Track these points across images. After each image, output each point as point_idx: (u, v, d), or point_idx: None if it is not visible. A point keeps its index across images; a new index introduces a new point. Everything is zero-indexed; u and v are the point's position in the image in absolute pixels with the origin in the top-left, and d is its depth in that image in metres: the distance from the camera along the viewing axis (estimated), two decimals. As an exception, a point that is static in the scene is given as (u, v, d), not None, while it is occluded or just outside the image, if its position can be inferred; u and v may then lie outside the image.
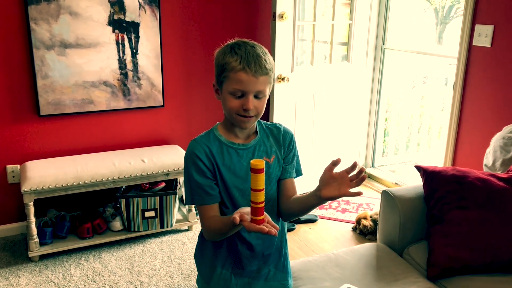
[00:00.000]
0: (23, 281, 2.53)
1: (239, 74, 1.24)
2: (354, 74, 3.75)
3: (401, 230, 2.12)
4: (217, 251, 1.41)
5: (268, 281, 1.45)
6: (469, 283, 1.85)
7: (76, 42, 2.90)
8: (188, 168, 1.33)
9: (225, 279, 1.41)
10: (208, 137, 1.35)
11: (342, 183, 1.20)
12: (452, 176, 2.06)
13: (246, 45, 1.28)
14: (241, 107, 1.26)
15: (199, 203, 1.33)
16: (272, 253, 1.43)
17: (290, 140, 1.44)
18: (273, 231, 1.08)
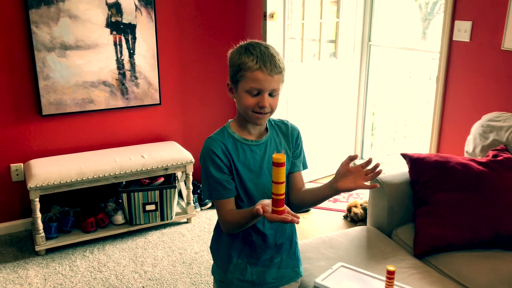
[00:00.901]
0: (31, 274, 2.65)
1: (255, 73, 1.31)
2: (342, 70, 3.91)
3: (389, 213, 2.28)
4: (233, 243, 1.47)
5: (281, 269, 1.51)
6: (452, 259, 2.00)
7: (76, 44, 3.01)
8: (205, 164, 1.38)
9: (241, 268, 1.47)
10: (223, 135, 1.41)
11: (358, 176, 1.29)
12: (435, 162, 2.23)
13: (260, 45, 1.35)
14: (257, 105, 1.33)
15: (217, 198, 1.38)
16: (284, 242, 1.50)
17: (297, 135, 1.53)
18: (296, 220, 1.16)
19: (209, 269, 2.68)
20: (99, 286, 2.54)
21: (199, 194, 3.47)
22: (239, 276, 1.48)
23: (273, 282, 1.51)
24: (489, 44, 2.79)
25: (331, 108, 3.91)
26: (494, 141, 2.39)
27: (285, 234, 1.50)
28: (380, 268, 1.93)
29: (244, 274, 1.47)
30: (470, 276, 1.90)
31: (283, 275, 1.53)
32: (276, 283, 1.51)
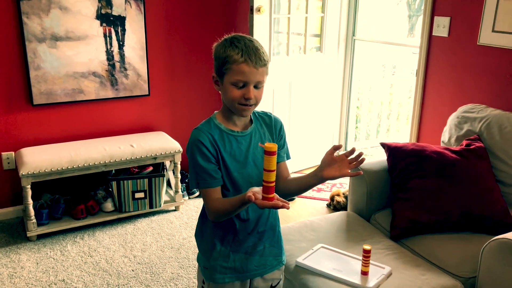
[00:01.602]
0: (23, 258, 2.73)
1: (241, 66, 1.34)
2: (327, 64, 4.02)
3: (368, 199, 2.40)
4: (216, 230, 1.50)
5: (264, 257, 1.54)
6: (425, 240, 2.13)
7: (66, 35, 3.08)
8: (193, 154, 1.41)
9: (224, 255, 1.50)
10: (210, 125, 1.44)
11: (342, 165, 1.35)
12: (411, 150, 2.35)
13: (245, 39, 1.38)
14: (242, 97, 1.36)
15: (204, 187, 1.41)
16: (266, 230, 1.53)
17: (280, 127, 1.58)
18: (287, 206, 1.20)
19: (196, 254, 2.78)
20: (90, 269, 2.63)
21: (187, 183, 3.56)
22: (222, 263, 1.50)
23: (256, 270, 1.54)
24: (466, 39, 2.92)
25: (316, 101, 4.02)
26: (468, 131, 2.52)
27: (267, 222, 1.53)
28: (358, 249, 2.04)
29: (227, 260, 1.50)
30: (440, 256, 2.02)
31: (265, 263, 1.55)
32: (258, 271, 1.55)
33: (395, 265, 1.94)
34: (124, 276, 2.57)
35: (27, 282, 2.51)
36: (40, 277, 2.56)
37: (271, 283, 1.60)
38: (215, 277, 1.52)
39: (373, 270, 1.86)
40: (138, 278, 2.55)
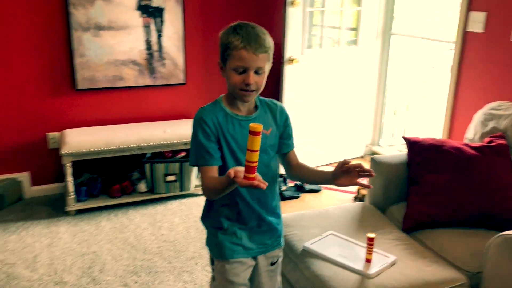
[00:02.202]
0: (62, 230, 2.96)
1: (240, 52, 1.39)
2: (362, 57, 4.02)
3: (384, 192, 2.43)
4: (222, 210, 1.56)
5: (266, 236, 1.63)
6: (436, 234, 2.15)
7: (109, 25, 3.28)
8: (195, 131, 1.48)
9: (231, 232, 1.57)
10: (215, 107, 1.50)
11: (353, 175, 1.44)
12: (430, 145, 2.36)
13: (247, 26, 1.43)
14: (243, 82, 1.41)
15: (202, 164, 1.47)
16: (268, 212, 1.61)
17: (286, 116, 1.62)
18: (262, 185, 1.22)
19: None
20: (120, 244, 2.82)
21: (217, 169, 3.70)
22: (230, 239, 1.57)
23: (259, 248, 1.62)
24: (500, 35, 2.86)
25: (349, 94, 4.04)
26: (493, 128, 2.49)
27: (268, 205, 1.60)
28: (367, 238, 2.09)
29: (234, 237, 1.57)
30: (449, 250, 2.04)
31: (267, 243, 1.64)
32: (261, 249, 1.63)
33: (401, 255, 1.97)
34: (149, 252, 2.74)
35: (62, 252, 2.73)
36: (74, 248, 2.78)
37: (271, 260, 1.69)
38: (225, 253, 1.57)
39: (377, 258, 1.91)
40: (162, 255, 2.71)
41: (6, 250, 2.73)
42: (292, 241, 2.09)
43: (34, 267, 2.57)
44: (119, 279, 2.49)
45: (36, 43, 3.17)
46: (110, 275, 2.52)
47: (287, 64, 3.59)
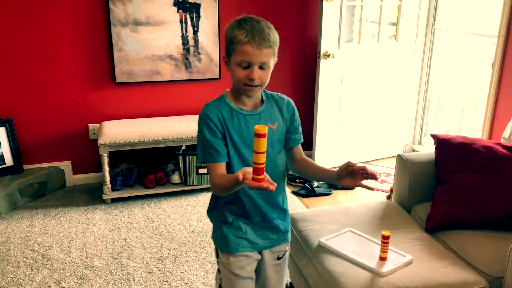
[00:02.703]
0: (97, 217, 3.10)
1: (245, 47, 1.37)
2: (402, 53, 3.91)
3: (410, 190, 2.37)
4: (227, 204, 1.56)
5: (271, 231, 1.62)
6: (461, 235, 2.07)
7: (146, 21, 3.38)
8: (201, 129, 1.48)
9: (236, 226, 1.57)
10: (220, 103, 1.49)
11: (357, 177, 1.45)
12: (459, 143, 2.27)
13: (252, 20, 1.41)
14: (247, 77, 1.39)
15: (210, 161, 1.46)
16: (274, 208, 1.60)
17: (293, 110, 1.60)
18: (271, 187, 1.22)
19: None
20: (149, 232, 2.92)
21: (250, 163, 3.73)
22: (235, 232, 1.57)
23: (264, 243, 1.62)
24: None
25: (388, 91, 3.95)
26: (531, 127, 2.35)
27: (274, 201, 1.60)
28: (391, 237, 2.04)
29: (239, 231, 1.57)
30: (472, 252, 1.96)
31: (273, 238, 1.63)
32: (266, 244, 1.62)
33: (419, 256, 1.92)
34: (177, 242, 2.82)
35: (95, 237, 2.86)
36: (106, 234, 2.90)
37: (278, 255, 1.68)
38: (230, 246, 1.57)
39: (392, 257, 1.87)
40: (188, 245, 2.78)
41: (45, 234, 2.90)
42: (309, 236, 2.08)
43: (68, 251, 2.71)
44: (145, 266, 2.57)
45: (79, 38, 3.33)
46: (137, 261, 2.61)
47: (322, 59, 3.56)
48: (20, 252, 2.70)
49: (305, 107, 3.97)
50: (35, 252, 2.70)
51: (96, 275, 2.48)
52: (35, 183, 3.36)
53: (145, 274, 2.50)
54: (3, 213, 3.15)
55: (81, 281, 2.43)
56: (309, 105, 3.90)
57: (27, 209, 3.22)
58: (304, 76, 3.93)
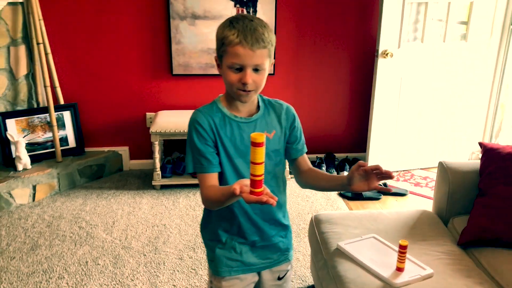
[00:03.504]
0: (144, 201, 3.25)
1: (236, 48, 1.24)
2: (472, 54, 3.64)
3: (449, 200, 2.20)
4: (221, 222, 1.45)
5: (270, 251, 1.51)
6: (497, 254, 1.89)
7: (204, 15, 3.46)
8: (191, 136, 1.36)
9: (229, 247, 1.46)
10: (212, 108, 1.37)
11: (370, 179, 1.28)
12: (507, 154, 2.07)
13: (245, 19, 1.27)
14: (240, 81, 1.27)
15: (200, 171, 1.34)
16: (273, 224, 1.48)
17: (294, 118, 1.46)
18: (271, 201, 1.09)
19: (282, 226, 2.93)
20: (188, 221, 3.00)
21: (299, 161, 3.69)
22: (228, 254, 1.46)
23: (262, 263, 1.51)
24: None
25: (454, 94, 3.70)
26: None
27: (274, 217, 1.48)
28: (412, 247, 1.92)
29: (232, 253, 1.46)
30: (504, 272, 1.78)
31: (272, 257, 1.52)
32: (264, 264, 1.51)
33: (443, 270, 1.78)
34: (212, 232, 2.87)
35: (138, 220, 3.00)
36: (149, 218, 3.03)
37: (278, 275, 1.57)
38: (220, 270, 1.47)
39: (411, 268, 1.75)
40: (222, 236, 2.82)
41: (94, 213, 3.09)
42: (330, 239, 2.02)
43: (110, 231, 2.87)
44: (177, 252, 2.65)
45: (140, 30, 3.49)
46: (171, 247, 2.70)
47: (380, 58, 3.42)
48: (69, 228, 2.90)
49: (362, 107, 3.85)
50: (82, 229, 2.89)
51: (130, 256, 2.60)
52: (94, 165, 3.59)
53: (175, 260, 2.58)
54: (62, 191, 3.40)
55: (116, 260, 2.56)
56: (366, 106, 3.76)
57: (83, 188, 3.45)
58: (363, 76, 3.80)
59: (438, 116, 3.73)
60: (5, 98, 3.34)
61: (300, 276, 2.46)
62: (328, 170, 3.71)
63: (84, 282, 2.37)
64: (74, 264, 2.52)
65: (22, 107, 3.45)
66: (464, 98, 3.74)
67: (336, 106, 3.87)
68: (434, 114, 3.71)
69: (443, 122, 3.76)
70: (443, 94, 3.67)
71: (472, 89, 3.74)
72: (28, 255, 2.61)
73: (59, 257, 2.59)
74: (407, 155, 3.76)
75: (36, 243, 2.73)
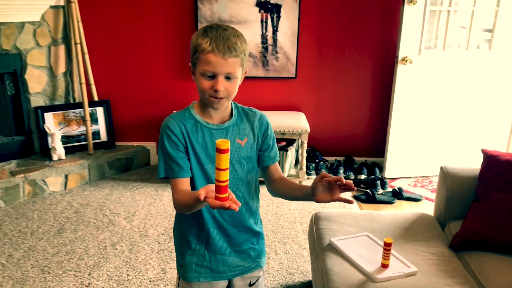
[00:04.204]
0: (165, 194, 3.45)
1: (208, 56, 1.27)
2: (496, 62, 3.62)
3: (447, 205, 2.26)
4: (191, 228, 1.46)
5: (240, 258, 1.52)
6: (484, 257, 1.93)
7: (230, 19, 3.63)
8: (162, 141, 1.38)
9: (199, 254, 1.48)
10: (184, 115, 1.40)
11: (333, 190, 1.30)
12: (506, 161, 2.11)
13: (219, 28, 1.31)
14: (212, 88, 1.30)
15: (172, 176, 1.37)
16: (244, 231, 1.50)
17: (267, 126, 1.49)
18: (233, 206, 1.11)
19: (295, 225, 3.04)
20: (204, 214, 3.17)
21: (317, 163, 3.78)
22: (197, 261, 1.48)
23: (232, 271, 1.52)
24: None
25: (474, 101, 3.69)
26: None
27: (245, 224, 1.49)
28: (403, 247, 2.00)
29: (202, 260, 1.48)
30: (491, 276, 1.82)
31: (242, 265, 1.54)
32: (235, 271, 1.53)
33: (427, 269, 1.85)
34: (224, 226, 3.02)
35: (157, 211, 3.19)
36: (167, 210, 3.21)
37: (250, 281, 1.59)
38: (189, 276, 1.50)
39: (395, 265, 1.83)
40: (234, 230, 2.96)
41: (118, 203, 3.31)
42: (324, 235, 2.12)
43: (131, 219, 3.08)
44: (189, 242, 2.82)
45: (169, 33, 3.70)
46: (184, 237, 2.87)
47: (400, 64, 3.47)
48: (94, 215, 3.13)
49: (382, 113, 3.90)
50: (105, 216, 3.11)
51: (146, 244, 2.79)
52: (122, 158, 3.83)
53: (186, 249, 2.74)
54: (92, 181, 3.66)
55: (132, 246, 2.75)
56: (386, 111, 3.81)
57: (111, 180, 3.69)
58: (384, 81, 3.85)
59: (457, 124, 3.72)
60: (44, 94, 3.63)
61: (302, 271, 2.56)
62: (346, 173, 3.78)
63: (101, 264, 2.57)
64: (94, 248, 2.73)
65: (60, 102, 3.73)
66: (485, 106, 3.71)
67: (357, 111, 3.93)
68: (453, 121, 3.71)
69: (463, 129, 3.74)
70: (462, 101, 3.67)
71: (495, 98, 3.71)
72: (55, 237, 2.85)
73: (81, 240, 2.82)
74: (426, 161, 3.77)
75: (63, 227, 2.97)
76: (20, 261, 2.59)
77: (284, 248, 2.78)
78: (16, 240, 2.81)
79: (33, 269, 2.52)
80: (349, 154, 4.02)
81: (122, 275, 2.48)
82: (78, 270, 2.52)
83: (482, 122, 3.76)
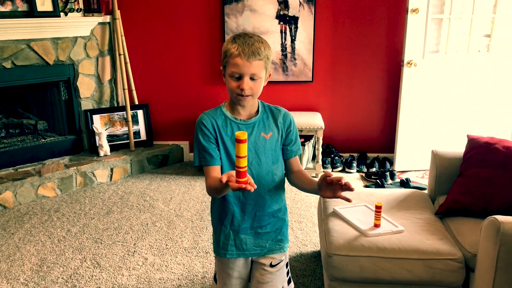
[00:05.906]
0: (197, 184, 3.92)
1: (235, 59, 1.47)
2: (495, 65, 3.96)
3: (437, 182, 2.63)
4: (219, 210, 1.66)
5: (262, 239, 1.69)
6: (463, 221, 2.30)
7: (253, 30, 4.11)
8: (196, 134, 1.59)
9: (225, 233, 1.67)
10: (216, 112, 1.61)
11: (335, 188, 1.48)
12: (484, 143, 2.48)
13: (246, 35, 1.51)
14: (238, 87, 1.49)
15: (204, 164, 1.57)
16: (266, 215, 1.66)
17: (290, 122, 1.68)
18: (249, 188, 1.27)
19: (310, 208, 3.45)
20: (231, 200, 3.62)
21: (332, 158, 4.19)
22: (224, 240, 1.67)
23: (255, 250, 1.69)
24: None
25: (475, 102, 4.02)
26: None
27: (267, 209, 1.66)
28: (395, 214, 2.39)
29: (228, 238, 1.66)
30: (465, 233, 2.19)
31: (265, 245, 1.69)
32: (257, 251, 1.70)
33: (413, 229, 2.23)
34: (248, 209, 3.46)
35: (190, 197, 3.66)
36: (199, 196, 3.68)
37: (271, 262, 1.74)
38: (219, 252, 1.71)
39: (385, 225, 2.23)
40: (256, 212, 3.40)
41: (157, 191, 3.80)
42: (329, 206, 2.53)
43: (168, 203, 3.56)
44: (218, 221, 3.27)
45: (201, 44, 4.21)
46: (213, 218, 3.32)
47: (405, 67, 3.86)
48: (136, 200, 3.63)
49: (393, 112, 4.27)
50: (146, 201, 3.61)
51: (181, 222, 3.26)
52: (160, 155, 4.34)
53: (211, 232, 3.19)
54: (133, 174, 4.17)
55: (169, 224, 3.23)
56: (396, 110, 4.19)
57: (150, 173, 4.20)
58: (394, 83, 4.24)
59: (459, 121, 4.06)
60: (92, 98, 4.19)
61: (314, 243, 2.97)
62: (359, 167, 4.17)
63: (143, 237, 3.05)
64: (138, 225, 3.22)
65: (105, 106, 4.28)
66: (486, 104, 4.04)
67: (370, 110, 4.32)
68: (455, 119, 4.05)
69: (465, 126, 4.08)
70: (464, 100, 4.01)
71: (495, 99, 4.04)
72: (104, 217, 3.35)
73: (126, 219, 3.31)
74: (434, 156, 4.12)
75: (110, 209, 3.47)
76: (77, 234, 3.10)
77: (299, 225, 3.19)
78: (72, 219, 3.32)
79: (88, 240, 3.02)
80: (363, 150, 4.41)
81: (162, 245, 2.95)
82: (125, 241, 3.00)
83: (482, 120, 4.09)
